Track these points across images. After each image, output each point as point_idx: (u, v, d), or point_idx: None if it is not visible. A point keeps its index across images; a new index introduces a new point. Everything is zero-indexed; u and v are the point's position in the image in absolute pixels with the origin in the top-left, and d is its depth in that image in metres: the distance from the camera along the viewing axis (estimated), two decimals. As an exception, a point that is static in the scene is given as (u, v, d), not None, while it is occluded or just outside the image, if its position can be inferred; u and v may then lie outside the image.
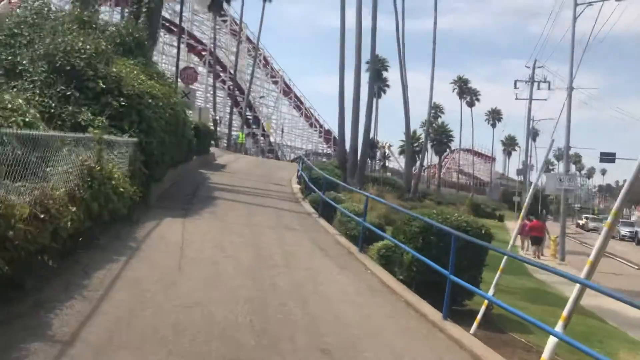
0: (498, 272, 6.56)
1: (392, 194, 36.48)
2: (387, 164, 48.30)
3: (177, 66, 18.26)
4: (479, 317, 6.28)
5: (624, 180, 4.32)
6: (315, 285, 6.59)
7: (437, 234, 7.26)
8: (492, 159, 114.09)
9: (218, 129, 49.51)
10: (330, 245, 9.34)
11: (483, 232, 7.58)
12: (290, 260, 7.68)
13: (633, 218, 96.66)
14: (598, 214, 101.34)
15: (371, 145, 38.29)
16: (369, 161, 48.02)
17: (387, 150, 60.06)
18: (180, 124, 12.89)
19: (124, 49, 11.82)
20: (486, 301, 6.26)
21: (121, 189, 7.65)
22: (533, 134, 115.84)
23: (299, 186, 17.32)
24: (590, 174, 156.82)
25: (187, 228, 8.81)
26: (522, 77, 53.53)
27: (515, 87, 55.58)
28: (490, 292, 6.44)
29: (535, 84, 54.98)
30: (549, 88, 54.64)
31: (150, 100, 10.11)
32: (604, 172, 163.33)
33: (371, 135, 38.33)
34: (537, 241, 23.74)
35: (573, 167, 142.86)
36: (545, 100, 54.20)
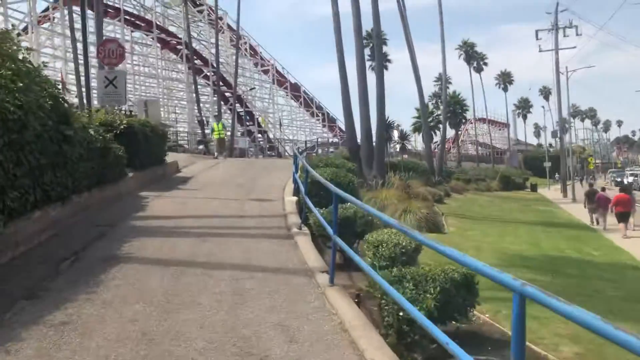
0: None
1: (418, 180, 30.18)
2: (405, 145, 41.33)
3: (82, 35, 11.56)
4: None
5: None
6: None
7: None
8: (507, 125, 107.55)
9: (207, 130, 43.17)
10: None
11: None
12: None
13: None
14: (622, 167, 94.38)
15: (387, 125, 31.60)
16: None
17: (396, 131, 53.37)
18: (33, 120, 6.49)
19: None
20: None
21: None
22: (545, 93, 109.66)
23: (295, 199, 10.91)
24: (607, 127, 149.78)
25: None
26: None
27: (537, 38, 48.73)
28: None
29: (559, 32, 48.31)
30: (577, 34, 47.86)
31: None
32: (620, 123, 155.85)
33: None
34: (625, 217, 19.29)
35: (588, 122, 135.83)
36: (574, 48, 46.76)
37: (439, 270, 5.71)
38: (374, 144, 21.51)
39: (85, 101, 11.82)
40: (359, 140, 21.97)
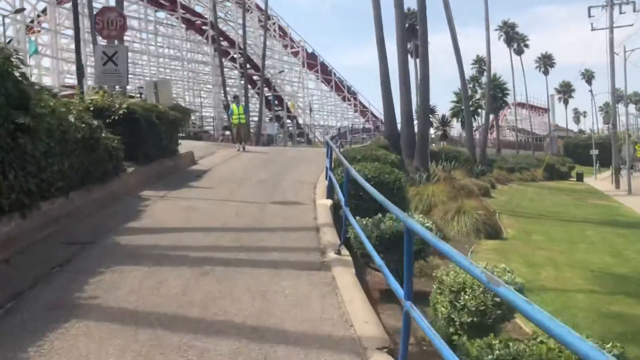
0: None
1: (461, 171, 27.67)
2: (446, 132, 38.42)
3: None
4: None
5: None
6: None
7: None
8: (547, 111, 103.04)
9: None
10: None
11: None
12: None
13: None
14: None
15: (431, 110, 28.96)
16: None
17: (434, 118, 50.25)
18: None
19: None
20: None
21: None
22: (588, 76, 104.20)
23: (329, 202, 8.73)
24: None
25: None
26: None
27: (589, 16, 45.11)
28: None
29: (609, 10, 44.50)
30: (635, 10, 44.02)
31: None
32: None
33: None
34: None
35: (632, 108, 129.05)
36: (631, 25, 42.94)
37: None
38: (417, 131, 19.11)
39: (77, 81, 9.85)
40: (398, 127, 19.62)
